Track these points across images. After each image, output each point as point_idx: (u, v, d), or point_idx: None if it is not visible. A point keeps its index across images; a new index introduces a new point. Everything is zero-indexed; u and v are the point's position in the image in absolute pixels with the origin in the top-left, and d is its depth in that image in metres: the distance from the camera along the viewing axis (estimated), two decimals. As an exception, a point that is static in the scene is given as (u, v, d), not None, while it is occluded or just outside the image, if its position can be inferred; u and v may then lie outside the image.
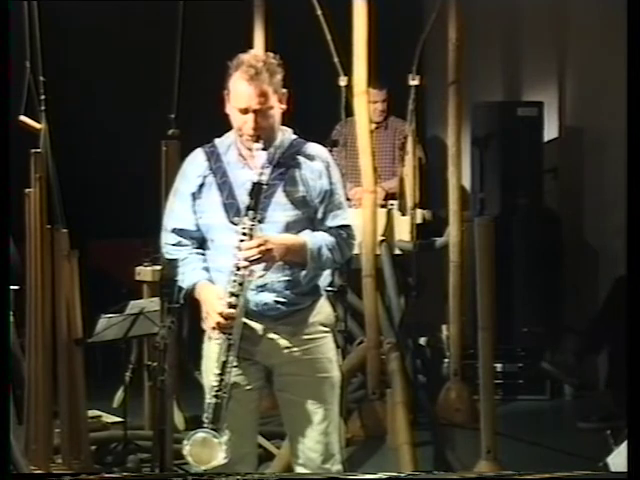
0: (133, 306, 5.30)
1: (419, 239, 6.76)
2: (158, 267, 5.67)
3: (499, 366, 6.92)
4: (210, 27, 7.74)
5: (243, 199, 3.63)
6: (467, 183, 7.54)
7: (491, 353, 5.19)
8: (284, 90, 3.71)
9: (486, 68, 8.21)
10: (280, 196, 3.69)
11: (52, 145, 4.96)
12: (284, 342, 3.75)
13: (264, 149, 3.65)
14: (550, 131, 7.65)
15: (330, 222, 3.77)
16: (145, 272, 6.07)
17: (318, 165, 3.76)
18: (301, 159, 3.74)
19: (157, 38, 5.98)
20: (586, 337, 7.00)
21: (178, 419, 5.73)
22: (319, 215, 3.76)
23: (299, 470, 3.82)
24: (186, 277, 3.78)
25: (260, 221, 3.62)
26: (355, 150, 6.39)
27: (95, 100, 8.11)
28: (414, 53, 6.51)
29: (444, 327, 7.04)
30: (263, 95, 3.62)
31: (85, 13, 7.84)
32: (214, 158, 3.77)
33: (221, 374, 3.58)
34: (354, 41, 5.95)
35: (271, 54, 3.73)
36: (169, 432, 4.46)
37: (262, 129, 3.64)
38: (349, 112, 6.28)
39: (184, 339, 6.17)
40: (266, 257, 3.60)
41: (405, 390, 5.94)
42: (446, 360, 6.91)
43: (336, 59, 6.16)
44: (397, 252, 6.90)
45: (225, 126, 3.77)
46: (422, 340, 7.10)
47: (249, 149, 3.69)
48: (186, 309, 4.47)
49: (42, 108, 4.98)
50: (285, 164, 3.73)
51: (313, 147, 3.80)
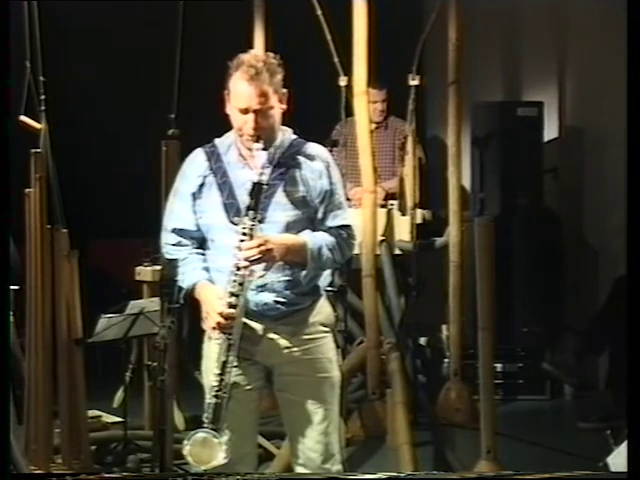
0: (133, 306, 5.30)
1: (419, 239, 6.75)
2: (158, 267, 5.67)
3: (499, 366, 6.92)
4: (210, 27, 7.74)
5: (243, 199, 3.63)
6: (467, 183, 7.54)
7: (491, 353, 5.19)
8: (284, 90, 3.71)
9: (486, 68, 8.21)
10: (280, 196, 3.69)
11: (52, 145, 4.96)
12: (284, 342, 3.75)
13: (264, 149, 3.65)
14: (550, 131, 7.65)
15: (330, 222, 3.77)
16: (145, 272, 6.07)
17: (318, 165, 3.76)
18: (301, 159, 3.74)
19: (157, 38, 5.98)
20: (586, 337, 7.00)
21: (178, 419, 5.73)
22: (319, 215, 3.76)
23: (299, 470, 3.82)
24: (186, 277, 3.78)
25: (260, 221, 3.62)
26: (355, 150, 6.39)
27: (95, 100, 8.11)
28: (414, 53, 6.50)
29: (444, 327, 7.04)
30: (263, 95, 3.62)
31: (85, 13, 7.84)
32: (214, 158, 3.77)
33: (221, 374, 3.58)
34: (354, 41, 5.95)
35: (271, 54, 3.73)
36: (169, 432, 4.46)
37: (262, 129, 3.65)
38: (349, 112, 6.28)
39: (184, 339, 6.17)
40: (266, 257, 3.60)
41: (405, 390, 5.94)
42: (446, 360, 6.91)
43: (336, 59, 6.16)
44: (397, 252, 6.90)
45: (225, 126, 3.77)
46: (422, 340, 7.09)
47: (249, 149, 3.69)
48: (186, 309, 4.47)
49: (42, 108, 4.97)
50: (285, 164, 3.73)
51: (313, 147, 3.80)
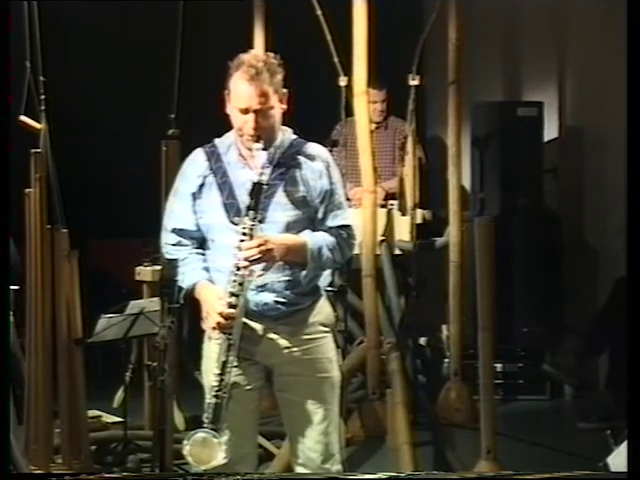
0: (133, 306, 5.30)
1: (419, 239, 6.75)
2: (158, 267, 5.67)
3: (499, 366, 6.92)
4: (210, 27, 7.74)
5: (243, 199, 3.63)
6: (467, 183, 7.53)
7: (491, 353, 5.19)
8: (284, 90, 3.71)
9: (486, 68, 8.21)
10: (280, 196, 3.69)
11: (52, 145, 4.96)
12: (284, 342, 3.74)
13: (264, 149, 3.65)
14: (550, 131, 7.64)
15: (330, 222, 3.77)
16: (145, 272, 6.07)
17: (318, 165, 3.76)
18: (301, 159, 3.74)
19: (157, 38, 5.98)
20: (587, 338, 6.99)
21: (178, 419, 5.73)
22: (319, 215, 3.76)
23: (299, 470, 3.82)
24: (186, 277, 3.78)
25: (260, 221, 3.62)
26: (355, 150, 6.39)
27: (95, 100, 8.11)
28: (414, 53, 6.50)
29: (444, 327, 7.04)
30: (264, 95, 3.62)
31: (85, 13, 7.84)
32: (214, 158, 3.77)
33: (221, 374, 3.58)
34: (354, 41, 5.95)
35: (271, 54, 3.73)
36: (169, 432, 4.46)
37: (262, 129, 3.65)
38: (349, 112, 6.28)
39: (184, 339, 6.17)
40: (266, 257, 3.60)
41: (405, 390, 5.94)
42: (446, 360, 6.91)
43: (336, 59, 6.16)
44: (397, 252, 6.90)
45: (225, 126, 3.77)
46: (422, 340, 7.09)
47: (249, 149, 3.69)
48: (186, 309, 4.47)
49: (42, 108, 4.97)
50: (285, 164, 3.73)
51: (313, 147, 3.80)
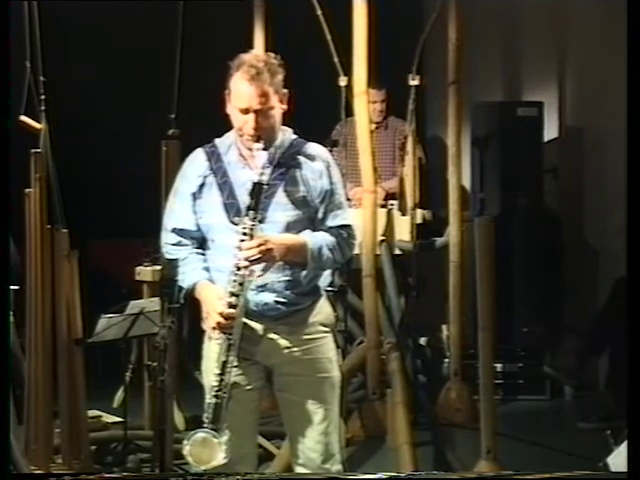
0: (133, 306, 5.30)
1: (419, 239, 6.75)
2: (158, 267, 5.68)
3: (499, 366, 6.92)
4: (210, 27, 7.74)
5: (243, 199, 3.63)
6: (467, 183, 7.53)
7: (491, 353, 5.19)
8: (285, 90, 3.71)
9: (486, 68, 8.21)
10: (281, 196, 3.69)
11: (52, 145, 4.96)
12: (284, 342, 3.74)
13: (264, 149, 3.65)
14: (550, 131, 7.64)
15: (330, 222, 3.77)
16: (145, 272, 6.07)
17: (318, 165, 3.76)
18: (301, 159, 3.74)
19: (157, 38, 5.98)
20: (587, 338, 6.99)
21: (178, 419, 5.73)
22: (319, 215, 3.76)
23: (299, 470, 3.82)
24: (186, 277, 3.78)
25: (260, 221, 3.62)
26: (355, 150, 6.39)
27: (95, 100, 8.11)
28: (414, 53, 6.50)
29: (444, 327, 7.04)
30: (264, 95, 3.62)
31: (85, 13, 7.84)
32: (214, 158, 3.77)
33: (221, 374, 3.58)
34: (354, 41, 5.95)
35: (272, 54, 3.73)
36: (169, 432, 4.46)
37: (263, 129, 3.65)
38: (349, 112, 6.29)
39: (184, 339, 6.17)
40: (266, 257, 3.60)
41: (405, 390, 5.94)
42: (446, 360, 6.91)
43: (336, 59, 6.16)
44: (397, 252, 6.90)
45: (225, 126, 3.77)
46: (422, 340, 7.09)
47: (249, 149, 3.69)
48: (186, 309, 4.47)
49: (42, 108, 4.97)
50: (285, 164, 3.73)
51: (313, 147, 3.80)
